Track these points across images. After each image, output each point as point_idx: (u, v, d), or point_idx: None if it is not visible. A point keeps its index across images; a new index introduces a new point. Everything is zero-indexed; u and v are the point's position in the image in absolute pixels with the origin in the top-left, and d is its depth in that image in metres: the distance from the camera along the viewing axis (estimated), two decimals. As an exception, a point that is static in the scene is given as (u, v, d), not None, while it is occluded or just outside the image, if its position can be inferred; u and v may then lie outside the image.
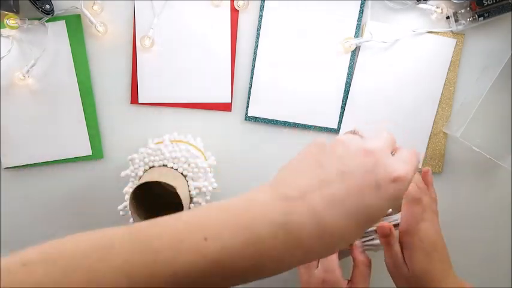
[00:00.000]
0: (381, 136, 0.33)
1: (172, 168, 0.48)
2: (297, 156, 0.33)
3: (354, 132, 0.34)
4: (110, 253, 0.26)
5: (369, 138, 0.32)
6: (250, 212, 0.27)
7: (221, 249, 0.25)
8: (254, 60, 0.56)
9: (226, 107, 0.57)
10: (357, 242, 0.49)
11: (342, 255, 0.51)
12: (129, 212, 0.44)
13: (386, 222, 0.47)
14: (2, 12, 0.51)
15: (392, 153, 0.33)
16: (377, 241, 0.49)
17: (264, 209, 0.27)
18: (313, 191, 0.28)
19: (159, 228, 0.26)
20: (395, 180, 0.29)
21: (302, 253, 0.27)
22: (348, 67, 0.57)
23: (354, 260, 0.48)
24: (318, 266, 0.49)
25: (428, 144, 0.58)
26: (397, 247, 0.46)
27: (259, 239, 0.26)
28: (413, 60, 0.57)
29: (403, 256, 0.46)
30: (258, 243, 0.26)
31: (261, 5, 0.55)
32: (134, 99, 0.56)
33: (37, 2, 0.50)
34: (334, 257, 0.49)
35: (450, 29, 0.56)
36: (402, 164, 0.30)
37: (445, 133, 0.58)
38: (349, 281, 0.48)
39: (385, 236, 0.46)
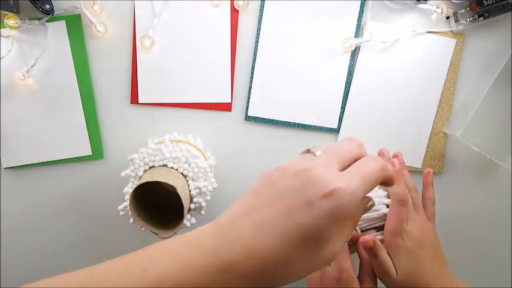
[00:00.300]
0: (328, 151, 0.32)
1: (172, 168, 0.48)
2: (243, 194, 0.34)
3: (307, 151, 0.33)
4: None
5: (308, 157, 0.31)
6: (187, 240, 0.29)
7: (160, 277, 0.27)
8: (254, 60, 0.56)
9: (226, 107, 0.57)
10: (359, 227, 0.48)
11: (350, 251, 0.50)
12: (129, 212, 0.44)
13: (369, 236, 0.45)
14: (2, 12, 0.51)
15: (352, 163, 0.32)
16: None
17: (199, 236, 0.29)
18: (243, 217, 0.29)
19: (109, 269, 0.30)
20: (328, 195, 0.28)
21: (238, 277, 0.27)
22: (348, 67, 0.57)
23: (360, 257, 0.48)
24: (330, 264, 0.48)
25: (428, 144, 0.58)
26: (383, 255, 0.45)
27: (192, 265, 0.27)
28: (413, 60, 0.57)
29: (392, 261, 0.45)
30: (191, 269, 0.27)
31: (261, 5, 0.55)
32: (134, 99, 0.56)
33: (37, 2, 0.50)
34: (347, 256, 0.47)
35: (450, 29, 0.56)
36: (342, 177, 0.29)
37: (445, 133, 0.58)
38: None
39: (370, 248, 0.44)
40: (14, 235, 0.59)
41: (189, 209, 0.48)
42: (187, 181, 0.48)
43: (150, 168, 0.49)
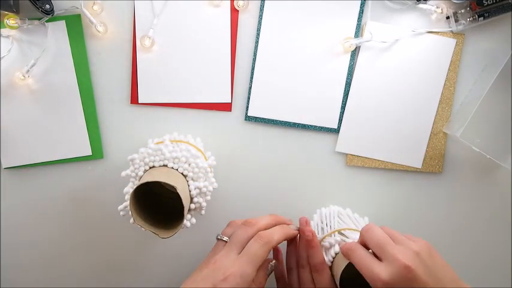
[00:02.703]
0: (229, 242, 0.46)
1: (172, 168, 0.48)
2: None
3: (218, 239, 0.48)
4: None
5: (218, 246, 0.47)
6: None
7: None
8: (254, 60, 0.56)
9: (226, 107, 0.57)
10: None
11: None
12: (129, 212, 0.44)
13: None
14: (2, 12, 0.51)
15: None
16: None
17: None
18: None
19: None
20: (225, 279, 0.40)
21: None
22: (348, 67, 0.57)
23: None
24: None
25: (428, 144, 0.59)
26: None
27: None
28: (413, 60, 0.57)
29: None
30: None
31: (261, 5, 0.55)
32: (134, 99, 0.56)
33: (37, 2, 0.50)
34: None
35: (450, 29, 0.56)
36: (235, 262, 0.42)
37: (445, 133, 0.58)
38: None
39: (309, 240, 0.48)
40: (14, 235, 0.59)
41: (189, 209, 0.48)
42: (188, 181, 0.48)
43: (150, 168, 0.49)
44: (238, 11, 0.55)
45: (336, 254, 0.47)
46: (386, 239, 0.41)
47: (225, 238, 0.47)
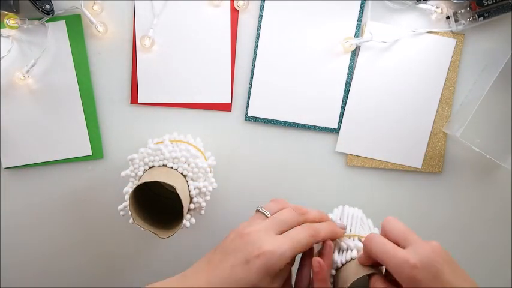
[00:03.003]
0: (273, 217, 0.41)
1: (172, 168, 0.48)
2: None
3: (257, 211, 0.43)
4: None
5: (258, 221, 0.41)
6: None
7: None
8: (254, 60, 0.56)
9: (226, 107, 0.57)
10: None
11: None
12: (129, 212, 0.44)
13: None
14: (2, 12, 0.51)
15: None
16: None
17: (167, 283, 0.39)
18: (203, 270, 0.38)
19: None
20: (261, 254, 0.36)
21: None
22: (348, 67, 0.57)
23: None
24: None
25: (428, 144, 0.58)
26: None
27: None
28: (413, 60, 0.57)
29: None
30: None
31: (261, 5, 0.55)
32: (134, 99, 0.56)
33: (37, 2, 0.50)
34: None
35: (450, 29, 0.56)
36: (275, 240, 0.37)
37: (445, 133, 0.58)
38: None
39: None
40: (14, 235, 0.59)
41: (189, 209, 0.48)
42: (187, 181, 0.48)
43: (150, 168, 0.49)
44: (238, 11, 0.55)
45: (352, 259, 0.42)
46: (409, 229, 0.38)
47: (267, 213, 0.42)
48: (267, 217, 0.42)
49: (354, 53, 0.56)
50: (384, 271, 0.40)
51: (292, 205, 0.44)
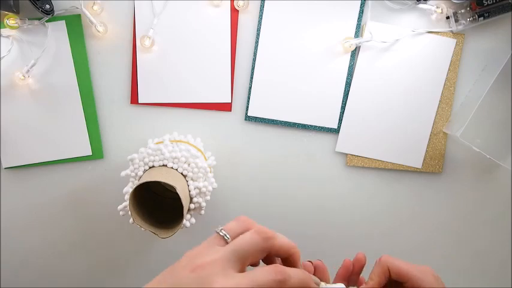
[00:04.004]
0: (233, 244, 0.33)
1: (172, 168, 0.48)
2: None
3: (217, 232, 0.35)
4: None
5: (215, 248, 0.33)
6: None
7: None
8: (254, 60, 0.56)
9: (226, 107, 0.57)
10: None
11: None
12: (129, 212, 0.44)
13: None
14: (2, 12, 0.51)
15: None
16: None
17: None
18: None
19: None
20: None
21: None
22: (348, 67, 0.57)
23: None
24: None
25: (428, 144, 0.58)
26: None
27: None
28: (413, 60, 0.57)
29: None
30: None
31: (261, 5, 0.55)
32: (134, 99, 0.56)
33: (37, 2, 0.50)
34: None
35: (450, 29, 0.56)
36: (229, 280, 0.31)
37: (445, 133, 0.58)
38: None
39: None
40: (14, 235, 0.59)
41: (189, 209, 0.48)
42: (187, 181, 0.48)
43: (150, 168, 0.49)
44: (238, 11, 0.55)
45: None
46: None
47: (227, 236, 0.34)
48: (227, 242, 0.34)
49: (354, 53, 0.56)
50: None
51: (258, 226, 0.35)
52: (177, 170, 0.48)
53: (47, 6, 0.51)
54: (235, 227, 0.35)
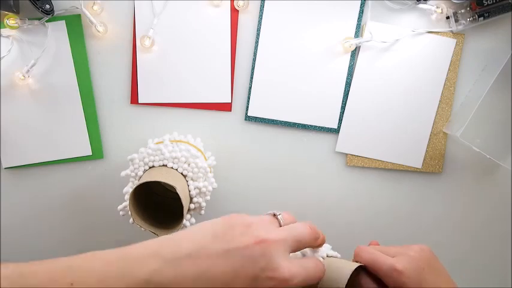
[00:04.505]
0: (291, 229, 0.34)
1: (172, 168, 0.48)
2: (197, 225, 0.33)
3: (273, 215, 0.35)
4: None
5: (274, 228, 0.33)
6: (121, 263, 0.29)
7: None
8: (254, 60, 0.56)
9: (226, 107, 0.57)
10: None
11: None
12: (129, 212, 0.44)
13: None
14: (2, 12, 0.51)
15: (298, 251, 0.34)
16: None
17: (134, 263, 0.29)
18: (189, 257, 0.29)
19: (37, 267, 0.30)
20: (274, 279, 0.30)
21: None
22: (348, 67, 0.57)
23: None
24: None
25: (428, 144, 0.58)
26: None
27: None
28: (413, 60, 0.57)
29: None
30: None
31: (261, 5, 0.55)
32: (134, 99, 0.56)
33: (37, 2, 0.50)
34: None
35: (450, 29, 0.56)
36: (291, 267, 0.31)
37: (445, 133, 0.58)
38: None
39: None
40: (14, 235, 0.59)
41: (189, 209, 0.48)
42: (187, 181, 0.48)
43: (150, 168, 0.49)
44: (238, 11, 0.55)
45: (328, 256, 0.42)
46: (384, 248, 0.42)
47: (282, 221, 0.35)
48: (280, 225, 0.35)
49: (354, 53, 0.56)
50: None
51: (309, 223, 0.37)
52: (177, 170, 0.48)
53: (47, 6, 0.51)
54: (287, 216, 0.36)
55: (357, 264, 0.40)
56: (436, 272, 0.40)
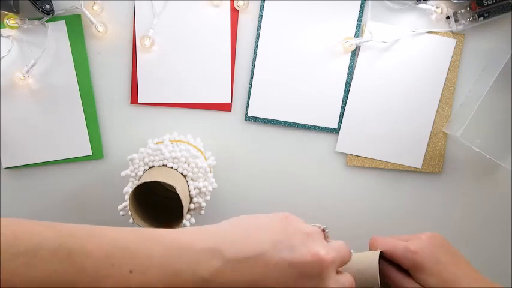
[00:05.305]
0: (339, 248, 0.34)
1: (172, 168, 0.48)
2: (256, 220, 0.33)
3: (322, 229, 0.36)
4: (35, 260, 0.25)
5: (327, 244, 0.33)
6: (182, 258, 0.28)
7: (141, 287, 0.26)
8: (254, 60, 0.56)
9: (226, 107, 0.57)
10: None
11: None
12: (129, 212, 0.44)
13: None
14: (2, 12, 0.51)
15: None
16: None
17: (195, 258, 0.28)
18: (247, 263, 0.29)
19: (93, 247, 0.27)
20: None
21: None
22: (348, 67, 0.57)
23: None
24: None
25: (428, 144, 0.58)
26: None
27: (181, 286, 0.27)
28: (413, 60, 0.57)
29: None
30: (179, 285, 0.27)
31: (261, 5, 0.55)
32: (134, 99, 0.56)
33: (37, 2, 0.50)
34: None
35: (450, 29, 0.56)
36: (337, 284, 0.32)
37: (445, 133, 0.58)
38: None
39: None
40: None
41: (189, 209, 0.48)
42: (187, 181, 0.48)
43: (150, 168, 0.49)
44: (238, 11, 0.55)
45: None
46: (397, 236, 0.45)
47: (328, 238, 0.36)
48: (326, 239, 0.36)
49: (354, 53, 0.56)
50: None
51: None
52: (177, 170, 0.48)
53: (47, 6, 0.51)
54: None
55: (377, 252, 0.41)
56: (450, 253, 0.41)
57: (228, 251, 0.29)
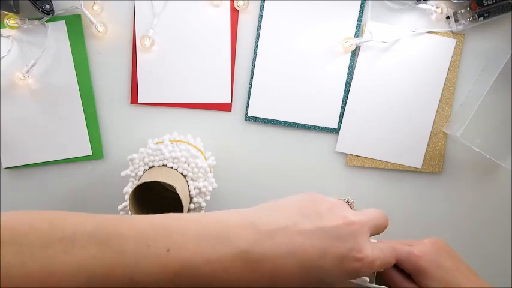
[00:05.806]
0: (369, 214, 0.35)
1: (172, 168, 0.48)
2: (285, 199, 0.34)
3: (346, 201, 0.37)
4: (72, 246, 0.26)
5: (355, 211, 0.34)
6: (219, 232, 0.29)
7: (181, 264, 0.27)
8: (254, 60, 0.56)
9: (226, 107, 0.57)
10: None
11: None
12: (129, 212, 0.44)
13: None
14: (2, 12, 0.51)
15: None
16: None
17: (232, 231, 0.29)
18: (283, 230, 0.30)
19: (128, 230, 0.27)
20: (359, 260, 0.31)
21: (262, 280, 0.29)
22: (348, 67, 0.57)
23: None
24: None
25: (428, 144, 0.58)
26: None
27: (218, 261, 0.27)
28: (413, 60, 0.57)
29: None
30: (217, 264, 0.27)
31: (261, 5, 0.55)
32: (134, 99, 0.56)
33: (37, 2, 0.50)
34: None
35: (450, 29, 0.56)
36: (373, 249, 0.32)
37: (445, 133, 0.58)
38: None
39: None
40: (14, 235, 0.59)
41: (189, 209, 0.48)
42: (187, 181, 0.48)
43: (150, 168, 0.49)
44: (238, 11, 0.55)
45: None
46: (400, 241, 0.44)
47: (354, 206, 0.37)
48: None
49: (354, 53, 0.56)
50: None
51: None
52: (177, 170, 0.48)
53: (47, 6, 0.51)
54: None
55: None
56: (453, 258, 0.41)
57: (261, 224, 0.30)
